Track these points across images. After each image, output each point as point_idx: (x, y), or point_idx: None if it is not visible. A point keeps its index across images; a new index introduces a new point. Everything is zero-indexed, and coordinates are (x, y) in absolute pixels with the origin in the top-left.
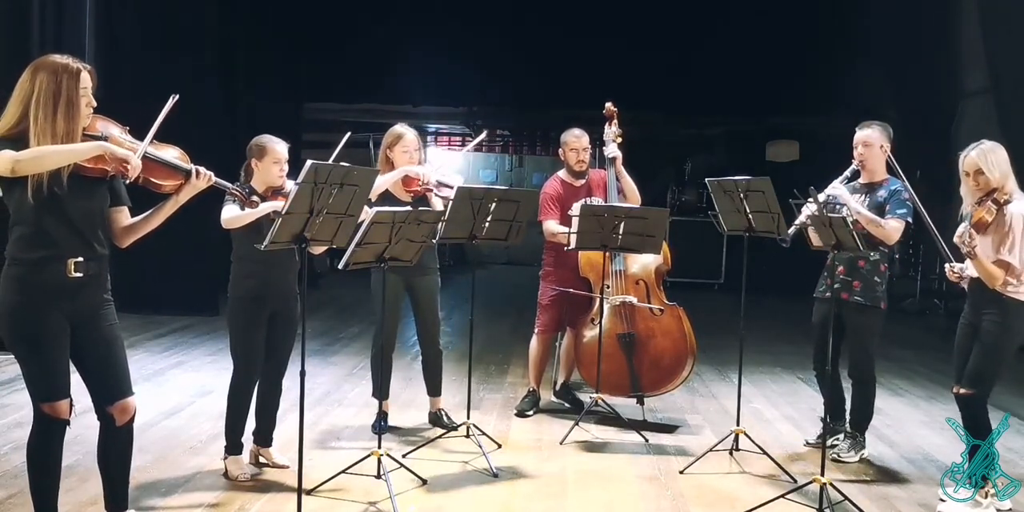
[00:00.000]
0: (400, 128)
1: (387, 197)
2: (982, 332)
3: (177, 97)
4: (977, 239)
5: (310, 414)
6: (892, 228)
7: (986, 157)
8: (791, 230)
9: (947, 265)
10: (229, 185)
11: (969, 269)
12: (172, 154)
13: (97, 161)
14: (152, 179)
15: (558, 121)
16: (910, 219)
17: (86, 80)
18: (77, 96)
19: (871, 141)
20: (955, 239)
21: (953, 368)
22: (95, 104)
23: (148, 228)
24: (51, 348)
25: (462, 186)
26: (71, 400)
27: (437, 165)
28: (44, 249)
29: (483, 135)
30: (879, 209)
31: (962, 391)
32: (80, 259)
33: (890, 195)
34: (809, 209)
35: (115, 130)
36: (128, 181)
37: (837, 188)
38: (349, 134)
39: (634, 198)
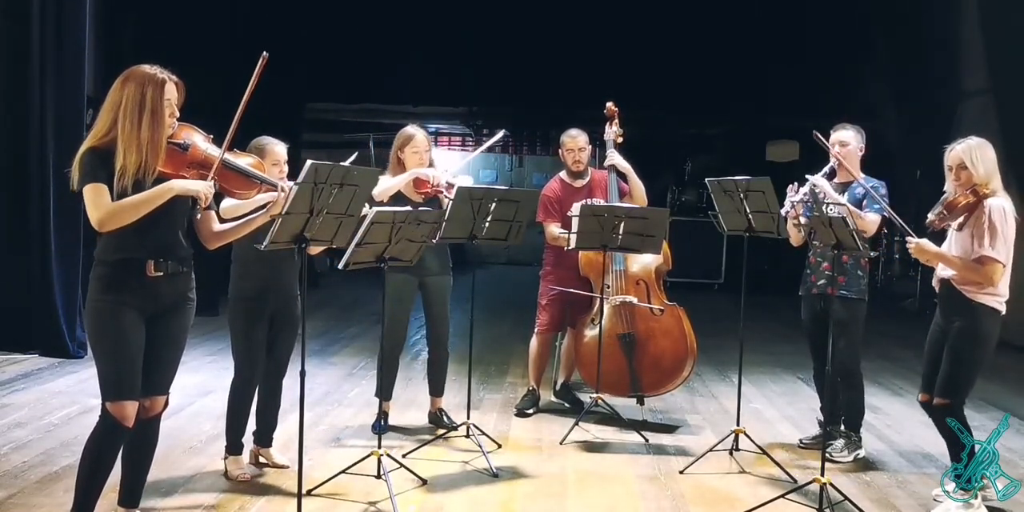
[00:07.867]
0: (411, 129)
1: (399, 198)
2: (953, 340)
3: (266, 56)
4: (948, 220)
5: (310, 414)
6: (870, 220)
7: (971, 152)
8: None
9: (913, 240)
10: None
11: (941, 269)
12: (247, 161)
13: (176, 168)
14: (226, 185)
15: (558, 121)
16: (885, 214)
17: (170, 91)
18: (161, 106)
19: (848, 141)
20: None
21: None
22: (178, 114)
23: (237, 235)
24: (122, 348)
25: (462, 186)
26: (144, 404)
27: (446, 167)
28: (125, 251)
29: (500, 135)
30: (857, 205)
31: (936, 401)
32: (160, 259)
33: (866, 192)
34: (792, 198)
35: (199, 138)
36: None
37: (819, 180)
38: (356, 154)
39: (640, 199)
